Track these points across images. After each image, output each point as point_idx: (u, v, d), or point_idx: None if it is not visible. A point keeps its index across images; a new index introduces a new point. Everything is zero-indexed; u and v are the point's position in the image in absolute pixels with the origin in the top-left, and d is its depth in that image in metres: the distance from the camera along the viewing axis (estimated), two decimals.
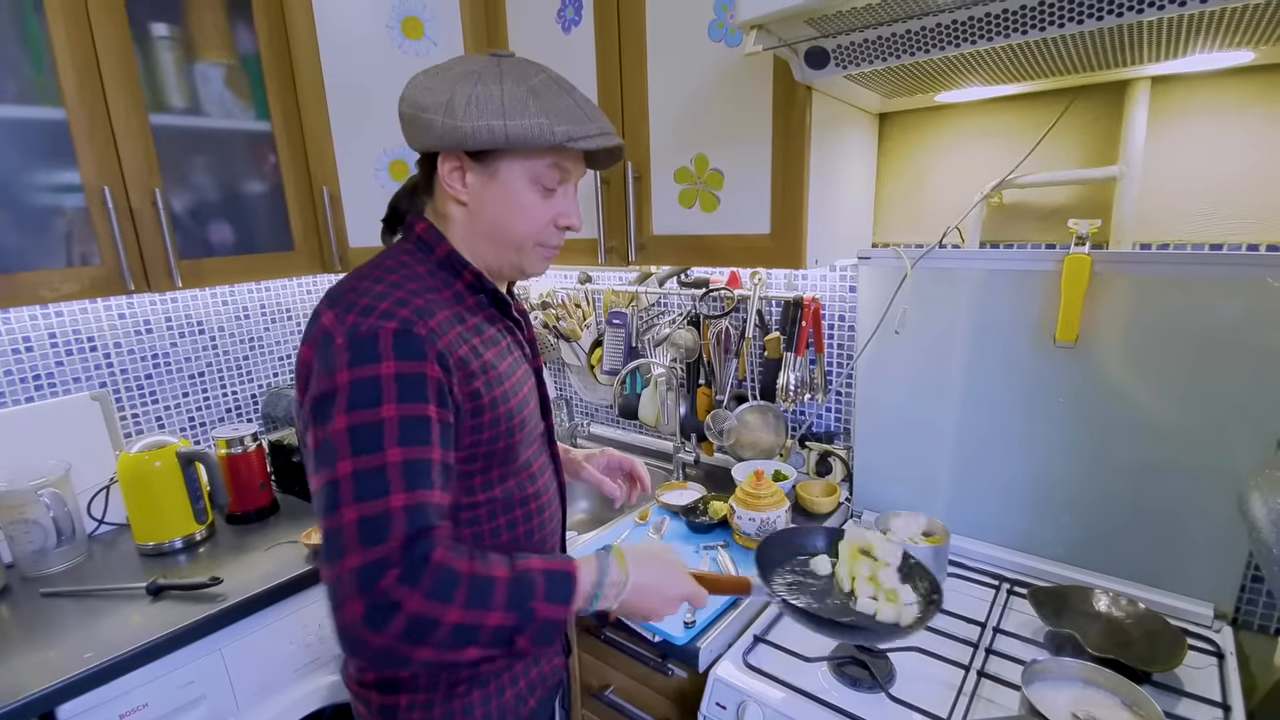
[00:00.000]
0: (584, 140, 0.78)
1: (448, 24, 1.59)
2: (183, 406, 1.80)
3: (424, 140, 0.79)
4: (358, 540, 0.65)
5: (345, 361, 0.69)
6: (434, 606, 0.65)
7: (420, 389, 0.71)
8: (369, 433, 0.67)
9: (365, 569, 0.64)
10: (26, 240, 1.25)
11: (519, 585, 0.70)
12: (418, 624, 0.64)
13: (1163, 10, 0.77)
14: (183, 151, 1.45)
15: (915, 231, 1.44)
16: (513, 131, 0.75)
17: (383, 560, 0.64)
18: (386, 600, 0.64)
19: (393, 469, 0.67)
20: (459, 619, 0.66)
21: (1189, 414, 1.11)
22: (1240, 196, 1.11)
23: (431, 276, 0.81)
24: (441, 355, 0.73)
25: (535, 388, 0.94)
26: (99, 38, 1.28)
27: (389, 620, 0.63)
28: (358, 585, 0.64)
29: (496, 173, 0.80)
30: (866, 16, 0.90)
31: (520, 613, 0.69)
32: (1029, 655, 1.04)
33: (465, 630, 0.66)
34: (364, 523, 0.65)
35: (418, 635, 0.65)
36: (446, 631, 0.65)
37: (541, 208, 0.83)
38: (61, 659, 1.11)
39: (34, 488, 1.35)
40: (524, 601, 0.69)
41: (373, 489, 0.66)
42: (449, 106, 0.75)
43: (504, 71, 0.77)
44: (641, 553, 0.82)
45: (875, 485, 1.50)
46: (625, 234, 1.44)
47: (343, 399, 0.68)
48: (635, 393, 1.89)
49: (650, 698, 1.23)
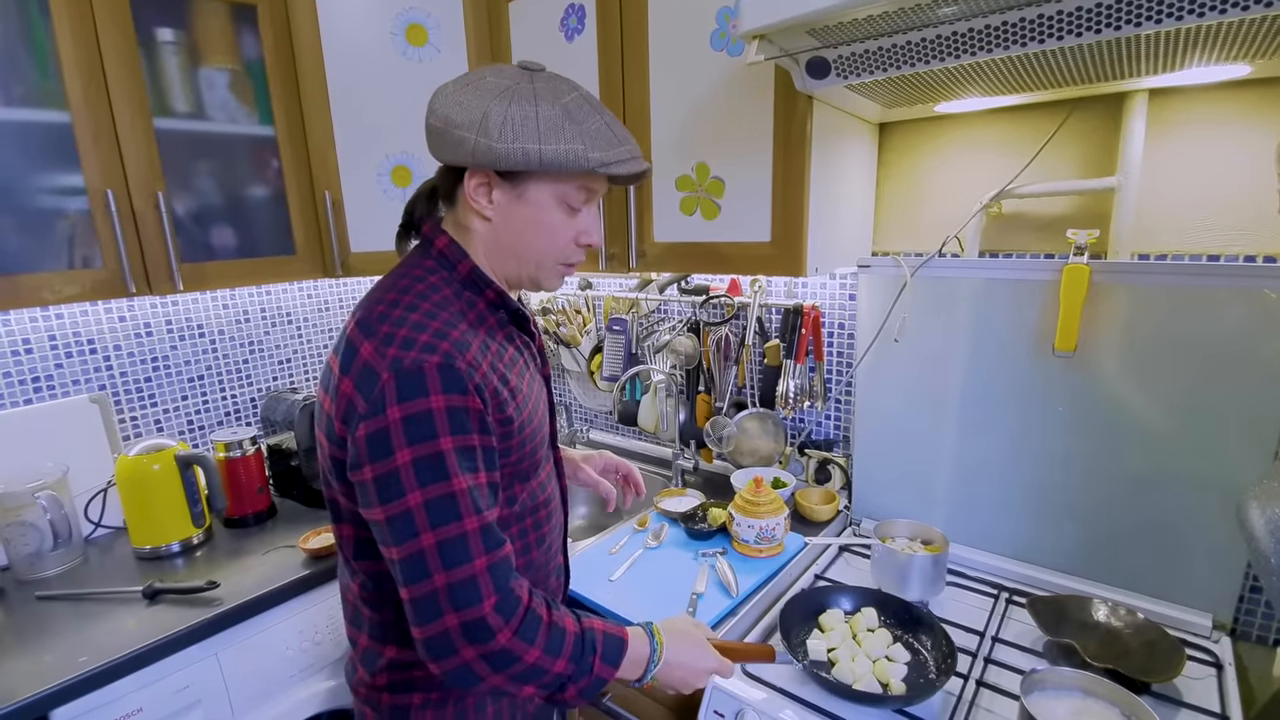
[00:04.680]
0: (615, 165, 0.78)
1: (451, 31, 1.60)
2: (182, 410, 1.80)
3: (455, 155, 0.78)
4: (443, 559, 0.71)
5: (395, 398, 0.71)
6: (520, 645, 0.73)
7: (465, 422, 0.73)
8: (432, 464, 0.71)
9: (459, 585, 0.71)
10: (29, 242, 1.26)
11: (583, 641, 0.78)
12: (503, 655, 0.72)
13: (1160, 24, 0.78)
14: (186, 155, 1.45)
15: (915, 240, 1.45)
16: (547, 156, 0.75)
17: (472, 578, 0.72)
18: (485, 625, 0.71)
19: (461, 495, 0.72)
20: (535, 660, 0.74)
21: (1187, 424, 1.11)
22: (1237, 208, 1.12)
23: (458, 298, 0.81)
24: (479, 387, 0.75)
25: (544, 394, 0.95)
26: (104, 42, 1.29)
27: (485, 641, 0.72)
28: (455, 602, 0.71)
29: (525, 192, 0.80)
30: (868, 27, 0.91)
31: (579, 666, 0.77)
32: (1028, 665, 1.04)
33: (536, 671, 0.74)
34: (443, 545, 0.71)
35: (498, 665, 0.72)
36: (523, 668, 0.73)
37: (566, 226, 0.83)
38: (56, 663, 1.10)
39: (31, 490, 1.35)
40: (585, 656, 0.77)
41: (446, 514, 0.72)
42: (483, 126, 0.74)
43: (538, 91, 0.76)
44: (676, 631, 0.90)
45: (874, 493, 1.50)
46: (626, 241, 1.45)
47: (398, 434, 0.71)
48: (635, 399, 1.89)
49: (647, 704, 1.22)
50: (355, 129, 1.61)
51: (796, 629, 1.14)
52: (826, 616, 1.16)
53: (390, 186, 1.65)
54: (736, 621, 1.17)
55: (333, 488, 0.83)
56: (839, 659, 1.04)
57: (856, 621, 1.14)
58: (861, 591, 1.20)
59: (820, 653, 1.07)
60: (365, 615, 0.88)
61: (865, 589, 1.21)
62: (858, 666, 1.02)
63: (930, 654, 1.07)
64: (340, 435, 0.76)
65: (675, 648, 0.87)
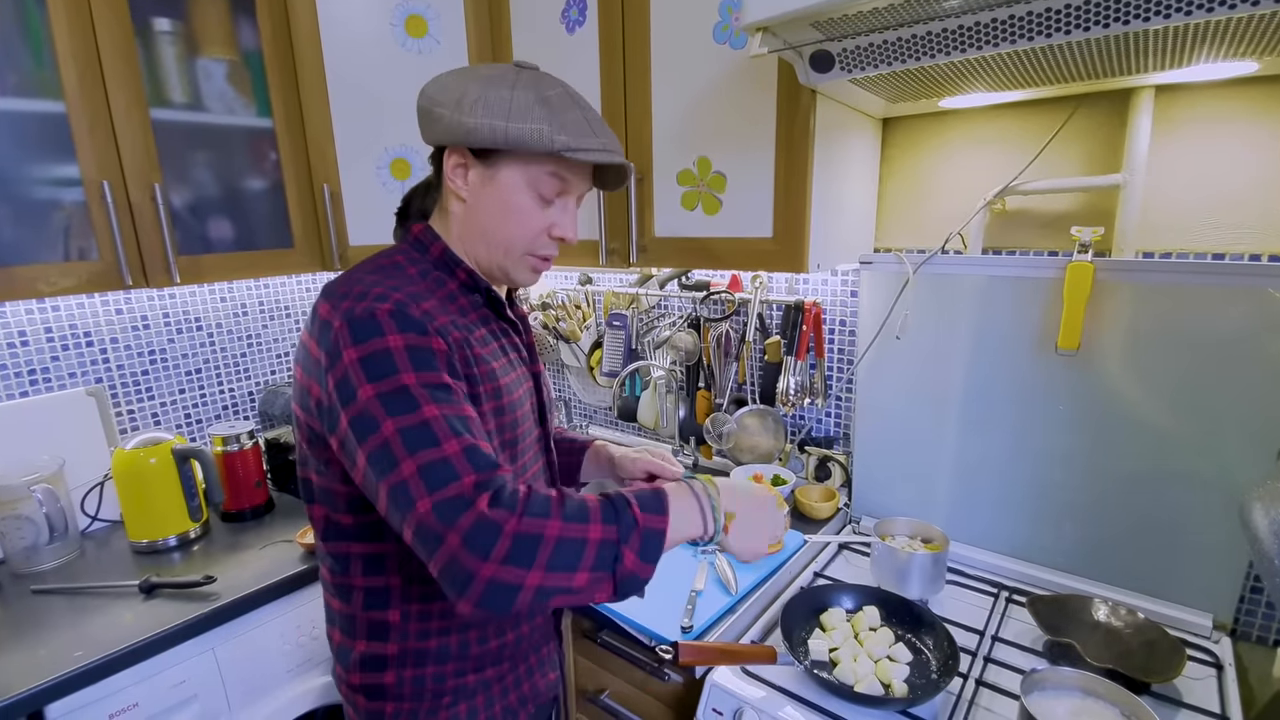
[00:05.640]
0: (582, 152, 0.78)
1: (451, 22, 1.58)
2: (179, 403, 1.79)
3: (433, 133, 0.80)
4: (424, 487, 0.64)
5: (349, 341, 0.70)
6: (534, 523, 0.64)
7: (430, 360, 0.71)
8: (398, 397, 0.68)
9: (440, 505, 0.64)
10: (24, 234, 1.25)
11: (611, 503, 0.70)
12: (521, 542, 0.63)
13: (1168, 19, 0.77)
14: (183, 147, 1.44)
15: (917, 237, 1.44)
16: (513, 133, 0.76)
17: (458, 497, 0.64)
18: (485, 522, 0.63)
19: (435, 421, 0.67)
20: (560, 531, 0.65)
21: (1190, 423, 1.11)
22: (1242, 206, 1.11)
23: (423, 278, 0.82)
24: (441, 331, 0.74)
25: (532, 391, 0.93)
26: (100, 31, 1.27)
27: (491, 543, 0.63)
28: (440, 520, 0.63)
29: (497, 173, 0.81)
30: (874, 20, 0.90)
31: (620, 524, 0.68)
32: (1028, 664, 1.04)
33: (570, 545, 0.65)
34: (424, 469, 0.65)
35: (523, 555, 0.63)
36: (550, 547, 0.64)
37: (536, 214, 0.83)
38: (51, 657, 1.10)
39: (27, 483, 1.34)
40: (621, 512, 0.69)
41: (422, 439, 0.66)
42: (458, 102, 0.77)
43: (520, 80, 0.78)
44: (729, 485, 0.81)
45: (874, 491, 1.49)
46: (627, 235, 1.44)
47: (358, 374, 0.69)
48: (634, 395, 1.88)
49: (646, 703, 1.22)
50: (354, 121, 1.59)
51: (798, 628, 1.13)
52: (828, 615, 1.15)
53: (389, 179, 1.64)
54: (735, 619, 1.17)
55: (307, 466, 0.83)
56: (841, 659, 1.04)
57: (858, 620, 1.13)
58: (863, 590, 1.20)
59: (822, 652, 1.07)
60: (335, 608, 0.88)
61: (866, 587, 1.20)
62: (860, 667, 1.01)
63: (932, 653, 1.07)
64: (317, 400, 0.75)
65: (732, 498, 0.80)
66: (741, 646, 1.00)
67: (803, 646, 1.08)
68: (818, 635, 1.12)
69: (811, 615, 1.16)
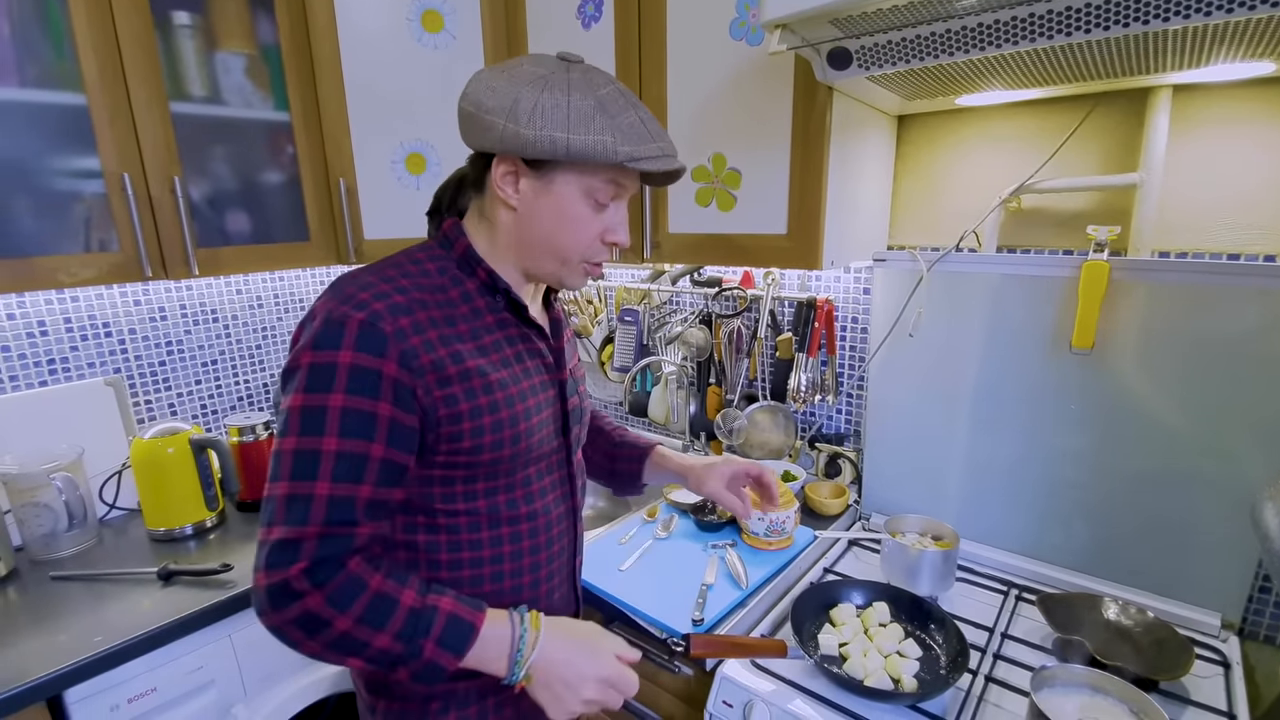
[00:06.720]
0: (645, 161, 0.75)
1: (467, 18, 1.59)
2: (196, 394, 1.81)
3: (482, 141, 0.76)
4: (282, 514, 0.70)
5: (310, 342, 0.71)
6: (329, 611, 0.69)
7: (372, 385, 0.71)
8: (314, 417, 0.70)
9: (280, 544, 0.69)
10: (45, 225, 1.26)
11: (418, 619, 0.72)
12: (311, 619, 0.69)
13: (1188, 19, 0.77)
14: (202, 140, 1.45)
15: (932, 235, 1.44)
16: (574, 146, 0.72)
17: (297, 542, 0.69)
18: (290, 588, 0.68)
19: (325, 457, 0.70)
20: (348, 629, 0.70)
21: (1201, 423, 1.11)
22: (1257, 207, 1.11)
23: (441, 274, 0.80)
24: (405, 355, 0.72)
25: (554, 400, 0.88)
26: (120, 24, 1.29)
27: (287, 605, 0.69)
28: (269, 556, 0.69)
29: (552, 183, 0.78)
30: (892, 18, 0.90)
31: (408, 647, 0.71)
32: (1037, 661, 1.05)
33: (351, 641, 0.70)
34: (291, 500, 0.70)
35: (308, 628, 0.70)
36: (334, 635, 0.70)
37: (592, 221, 0.80)
38: (70, 643, 1.12)
39: (46, 471, 1.36)
40: (415, 637, 0.71)
41: (305, 470, 0.70)
42: (513, 112, 0.73)
43: (572, 81, 0.75)
44: (566, 627, 0.81)
45: (885, 488, 1.50)
46: (641, 231, 1.45)
47: (301, 378, 0.71)
48: (645, 390, 1.89)
49: (657, 695, 1.23)
50: (370, 116, 1.60)
51: (808, 622, 1.14)
52: (838, 610, 1.16)
53: (405, 174, 1.64)
54: (746, 613, 1.18)
55: None
56: (850, 654, 1.05)
57: (868, 616, 1.14)
58: (872, 586, 1.20)
59: (832, 647, 1.07)
60: None
61: (876, 583, 1.21)
62: (869, 662, 1.02)
63: (942, 649, 1.08)
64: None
65: (558, 643, 0.78)
66: (752, 640, 1.01)
67: (813, 641, 1.09)
68: (828, 630, 1.13)
69: (821, 610, 1.17)
